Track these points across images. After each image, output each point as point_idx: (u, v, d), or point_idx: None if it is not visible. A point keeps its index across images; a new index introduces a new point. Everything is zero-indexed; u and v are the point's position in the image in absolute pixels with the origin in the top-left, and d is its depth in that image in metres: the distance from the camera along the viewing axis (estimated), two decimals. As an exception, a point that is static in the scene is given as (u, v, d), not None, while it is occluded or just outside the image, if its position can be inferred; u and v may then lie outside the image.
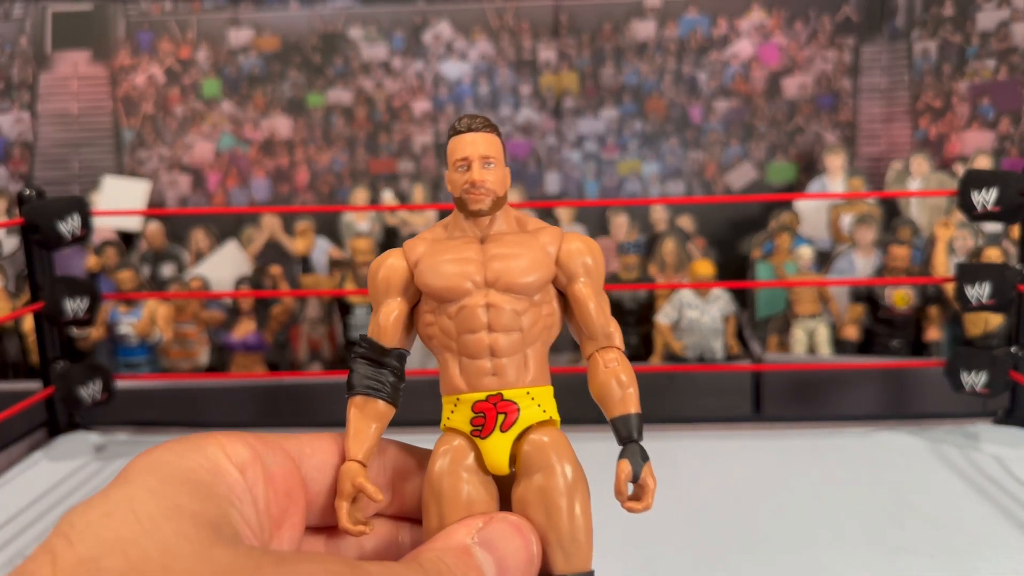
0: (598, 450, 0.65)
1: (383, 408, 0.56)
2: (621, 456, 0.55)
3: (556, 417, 0.56)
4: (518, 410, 0.54)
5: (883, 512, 1.10)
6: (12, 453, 1.35)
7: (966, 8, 3.17)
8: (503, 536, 0.50)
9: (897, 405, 2.41)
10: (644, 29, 3.42)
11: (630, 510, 0.54)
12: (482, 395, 0.55)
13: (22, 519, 1.16)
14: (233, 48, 3.44)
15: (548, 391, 0.57)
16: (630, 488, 0.55)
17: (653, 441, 0.58)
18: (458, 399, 0.55)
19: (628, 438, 0.55)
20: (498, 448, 0.54)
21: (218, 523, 0.39)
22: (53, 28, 3.39)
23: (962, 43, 3.20)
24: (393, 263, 0.58)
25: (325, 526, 0.53)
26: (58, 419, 1.43)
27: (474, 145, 0.57)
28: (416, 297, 0.58)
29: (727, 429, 1.42)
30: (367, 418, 0.55)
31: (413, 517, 0.56)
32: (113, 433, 1.46)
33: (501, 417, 0.54)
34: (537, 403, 0.55)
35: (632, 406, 0.56)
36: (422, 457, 0.57)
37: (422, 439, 0.59)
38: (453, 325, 0.55)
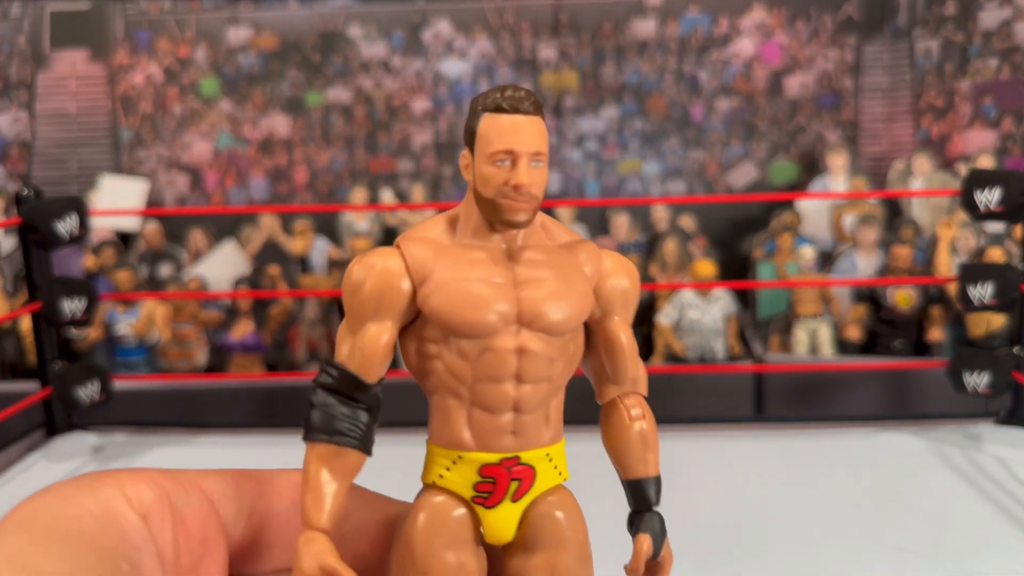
0: (596, 452, 0.64)
1: (355, 460, 0.43)
2: (640, 528, 0.46)
3: (567, 475, 0.47)
4: (534, 475, 0.45)
5: (885, 512, 1.09)
6: (10, 454, 1.35)
7: (968, 7, 3.17)
8: None
9: (899, 406, 2.40)
10: (645, 28, 3.41)
11: None
12: (495, 457, 0.44)
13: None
14: (232, 47, 3.43)
15: (563, 445, 0.47)
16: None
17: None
18: (460, 456, 0.44)
19: (646, 505, 0.47)
20: (506, 519, 0.45)
21: None
22: (51, 27, 3.38)
23: (964, 42, 3.19)
24: (389, 270, 0.44)
25: (263, 572, 0.45)
26: (56, 420, 1.43)
27: (523, 134, 0.43)
28: (411, 317, 0.45)
29: (729, 430, 1.41)
30: (335, 474, 0.42)
31: (366, 574, 0.47)
32: (111, 434, 1.45)
33: (515, 484, 0.44)
34: (554, 464, 0.46)
35: (653, 469, 0.47)
36: (384, 510, 0.47)
37: (420, 439, 0.56)
38: (469, 368, 0.43)
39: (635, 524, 0.47)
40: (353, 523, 0.46)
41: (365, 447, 0.44)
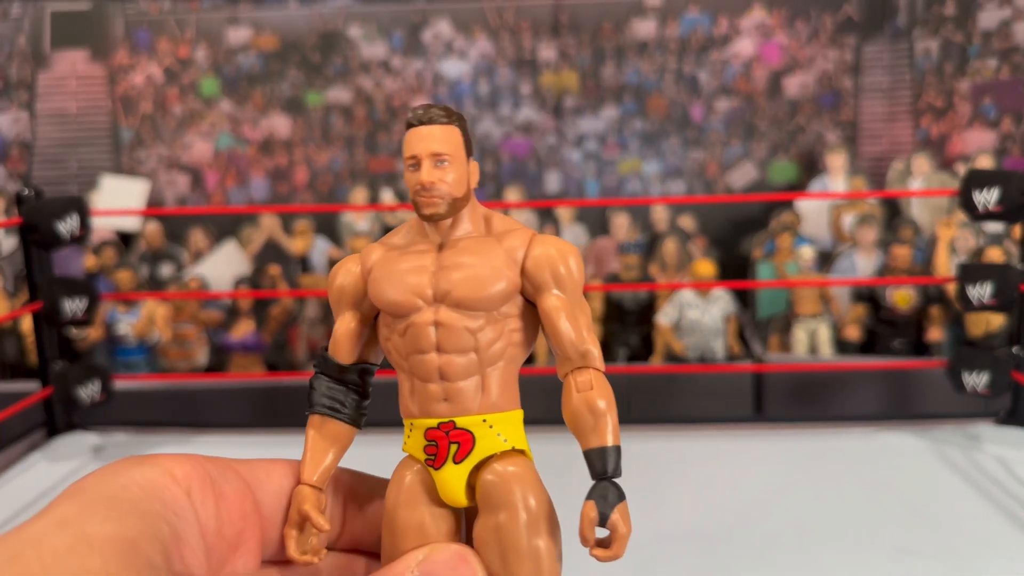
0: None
1: (342, 430, 0.52)
2: (588, 496, 0.47)
3: (522, 446, 0.50)
4: (473, 440, 0.48)
5: (885, 513, 1.09)
6: (11, 454, 1.35)
7: (968, 7, 3.17)
8: (446, 567, 0.46)
9: (899, 406, 2.41)
10: (645, 28, 3.42)
11: (597, 558, 0.46)
12: (433, 422, 0.49)
13: (21, 520, 1.15)
14: (232, 47, 3.43)
15: (512, 417, 0.50)
16: (598, 532, 0.47)
17: (654, 442, 0.56)
18: (412, 424, 0.50)
19: (601, 474, 0.47)
20: (452, 480, 0.49)
21: (137, 545, 0.37)
22: (51, 27, 3.39)
23: (964, 42, 3.19)
24: (348, 270, 0.53)
25: (280, 560, 0.50)
26: (56, 420, 1.43)
27: (424, 141, 0.50)
28: (374, 309, 0.52)
29: (728, 430, 1.41)
30: (324, 440, 0.51)
31: (368, 549, 0.53)
32: (111, 434, 1.45)
33: (454, 447, 0.48)
34: (496, 431, 0.49)
35: (608, 437, 0.48)
36: (376, 487, 0.53)
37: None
38: (403, 343, 0.50)
39: (588, 493, 0.48)
40: (349, 500, 0.53)
41: (349, 419, 0.52)
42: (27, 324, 2.57)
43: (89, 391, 1.41)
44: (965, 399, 1.40)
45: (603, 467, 0.47)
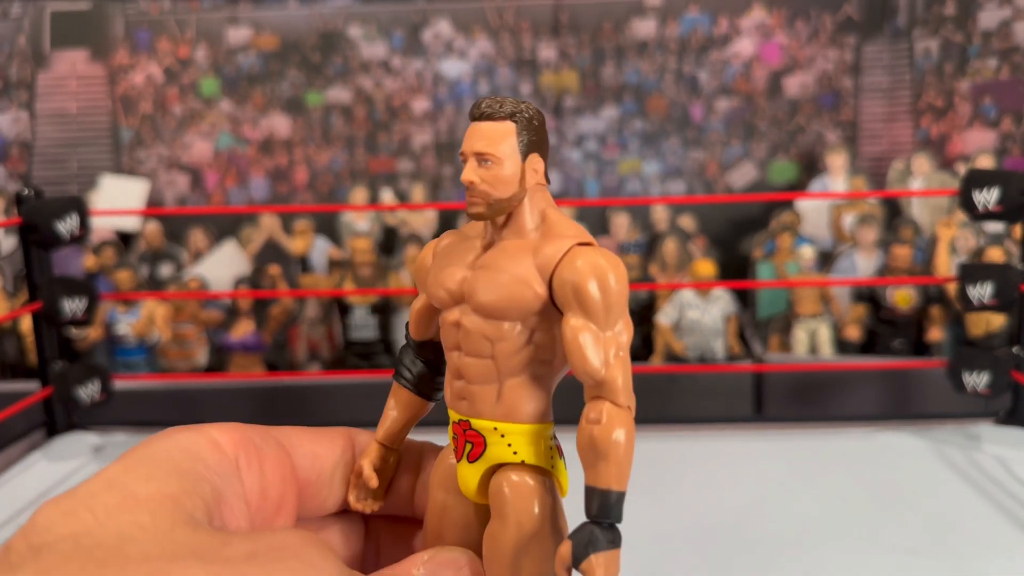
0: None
1: (409, 398, 0.54)
2: (570, 535, 0.45)
3: (538, 462, 0.48)
4: (484, 444, 0.48)
5: (885, 513, 1.09)
6: (10, 454, 1.35)
7: (968, 7, 3.17)
8: (448, 569, 0.48)
9: (899, 406, 2.41)
10: (645, 28, 3.42)
11: None
12: (456, 416, 0.51)
13: (21, 520, 1.15)
14: (232, 47, 3.43)
15: (529, 431, 0.48)
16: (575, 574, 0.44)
17: (654, 442, 0.56)
18: (449, 412, 0.52)
19: (590, 516, 0.45)
20: (466, 476, 0.50)
21: (179, 501, 0.40)
22: (51, 27, 3.39)
23: (964, 42, 3.19)
24: (423, 254, 0.54)
25: (314, 518, 0.54)
26: (56, 420, 1.43)
27: (472, 138, 0.49)
28: None
29: (728, 430, 1.41)
30: (397, 405, 0.54)
31: (419, 513, 0.56)
32: (111, 434, 1.45)
33: (468, 446, 0.49)
34: (507, 442, 0.48)
35: (603, 480, 0.44)
36: (430, 453, 0.56)
37: (420, 438, 0.58)
38: (443, 337, 0.52)
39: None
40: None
41: (418, 390, 0.55)
42: (27, 324, 2.57)
43: (89, 391, 1.41)
44: (965, 399, 1.40)
45: (592, 509, 0.44)
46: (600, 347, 0.45)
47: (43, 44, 3.39)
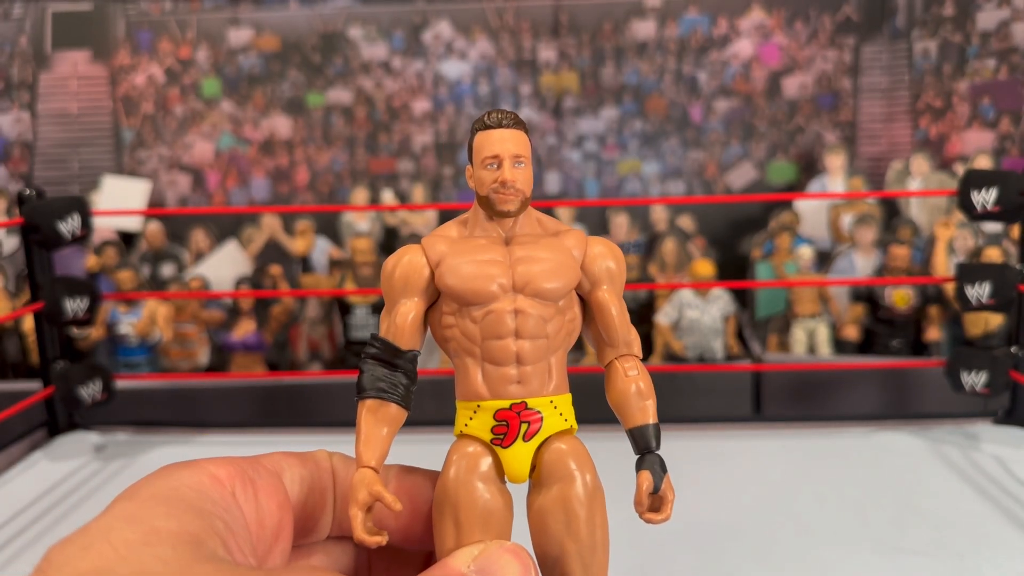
0: (602, 449, 0.65)
1: (395, 412, 0.54)
2: (641, 467, 0.54)
3: (575, 425, 0.56)
4: (541, 419, 0.53)
5: (883, 512, 1.09)
6: (12, 453, 1.35)
7: (966, 8, 3.17)
8: (501, 563, 0.48)
9: (897, 405, 2.41)
10: (644, 29, 3.42)
11: (649, 521, 0.53)
12: (506, 403, 0.53)
13: (22, 519, 1.16)
14: (233, 48, 3.44)
15: (568, 398, 0.56)
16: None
17: None
18: (479, 406, 0.54)
19: (647, 449, 0.55)
20: (519, 457, 0.53)
21: (200, 539, 0.39)
22: (53, 28, 3.39)
23: (962, 43, 3.20)
24: (412, 260, 0.55)
25: (305, 543, 0.52)
26: (58, 419, 1.43)
27: (505, 142, 0.55)
28: (434, 297, 0.56)
29: (727, 429, 1.41)
30: (380, 423, 0.53)
31: (413, 541, 0.54)
32: (113, 433, 1.46)
33: (524, 426, 0.53)
34: (559, 411, 0.54)
35: (651, 417, 0.56)
36: (424, 478, 0.55)
37: (422, 439, 0.58)
38: (478, 330, 0.54)
39: (638, 465, 0.55)
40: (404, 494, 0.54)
41: (404, 403, 0.54)
42: (29, 324, 2.58)
43: (90, 390, 1.42)
44: (963, 399, 1.41)
45: (648, 443, 0.55)
46: (624, 313, 0.57)
47: (44, 45, 3.40)
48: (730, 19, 3.40)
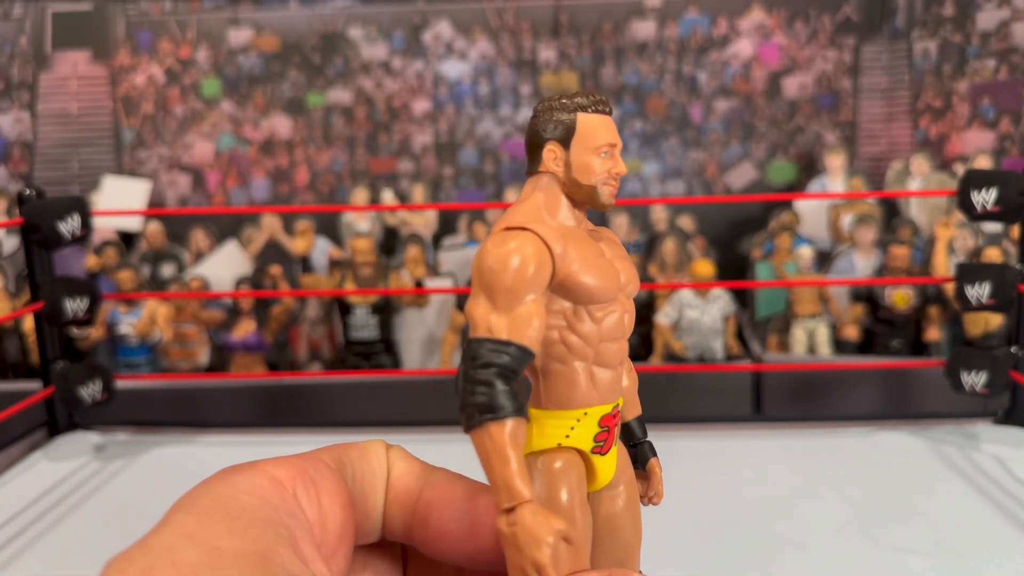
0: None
1: (525, 429, 0.44)
2: (651, 454, 0.56)
3: None
4: (619, 422, 0.53)
5: (883, 512, 1.09)
6: (12, 453, 1.35)
7: (966, 8, 3.17)
8: None
9: (897, 405, 2.41)
10: (644, 29, 3.42)
11: (658, 503, 0.56)
12: (608, 408, 0.49)
13: (22, 519, 1.16)
14: (233, 48, 3.44)
15: None
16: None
17: (653, 441, 0.58)
18: (586, 413, 0.48)
19: (644, 436, 0.57)
20: (611, 461, 0.50)
21: (267, 556, 0.37)
22: (53, 28, 3.39)
23: (962, 43, 3.20)
24: (538, 251, 0.45)
25: (366, 544, 0.48)
26: (58, 419, 1.43)
27: (615, 132, 0.51)
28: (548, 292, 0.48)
29: (727, 429, 1.42)
30: (520, 445, 0.43)
31: (468, 566, 0.47)
32: (113, 433, 1.46)
33: (617, 429, 0.51)
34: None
35: (641, 408, 0.57)
36: (489, 497, 0.46)
37: (421, 439, 0.58)
38: (597, 331, 0.48)
39: (640, 452, 0.56)
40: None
41: (526, 415, 0.45)
42: (29, 324, 2.58)
43: (90, 391, 1.42)
44: (963, 399, 1.41)
45: (644, 431, 0.56)
46: None
47: (45, 45, 3.40)
48: (730, 19, 3.40)
